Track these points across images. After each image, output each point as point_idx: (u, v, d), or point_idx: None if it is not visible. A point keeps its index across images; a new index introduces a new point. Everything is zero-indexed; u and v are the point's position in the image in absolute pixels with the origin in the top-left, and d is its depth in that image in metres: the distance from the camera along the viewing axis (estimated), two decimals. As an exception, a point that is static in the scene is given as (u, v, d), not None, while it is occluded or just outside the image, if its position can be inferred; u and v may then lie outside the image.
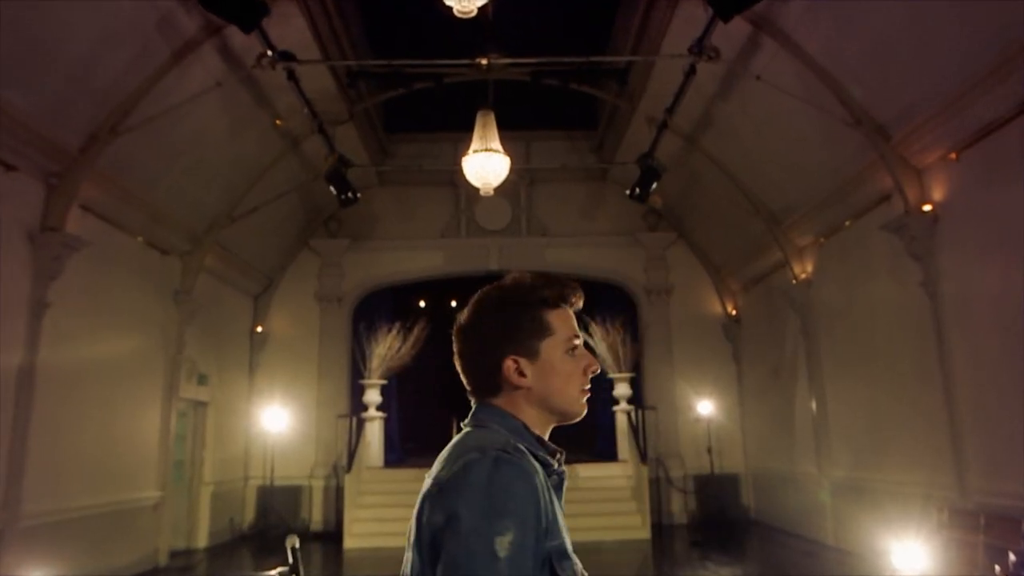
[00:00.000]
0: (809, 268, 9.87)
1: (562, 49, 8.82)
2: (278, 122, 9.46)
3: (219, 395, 11.18)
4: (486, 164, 7.73)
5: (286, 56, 7.64)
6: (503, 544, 1.04)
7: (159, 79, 7.48)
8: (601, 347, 12.15)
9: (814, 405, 9.72)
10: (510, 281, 1.35)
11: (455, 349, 1.35)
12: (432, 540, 1.10)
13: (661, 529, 11.38)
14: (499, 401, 1.31)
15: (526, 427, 1.28)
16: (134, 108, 7.44)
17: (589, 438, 14.33)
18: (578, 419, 1.35)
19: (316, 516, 12.03)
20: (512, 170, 11.76)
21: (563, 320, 1.32)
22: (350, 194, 9.96)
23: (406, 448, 14.37)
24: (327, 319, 12.94)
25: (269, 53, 7.51)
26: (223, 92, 8.23)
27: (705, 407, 11.85)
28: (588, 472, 11.79)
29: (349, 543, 10.60)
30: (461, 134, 9.74)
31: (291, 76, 7.94)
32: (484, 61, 7.76)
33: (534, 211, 13.28)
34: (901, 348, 7.76)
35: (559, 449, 1.31)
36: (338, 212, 12.29)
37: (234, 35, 7.50)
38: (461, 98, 10.38)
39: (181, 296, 9.61)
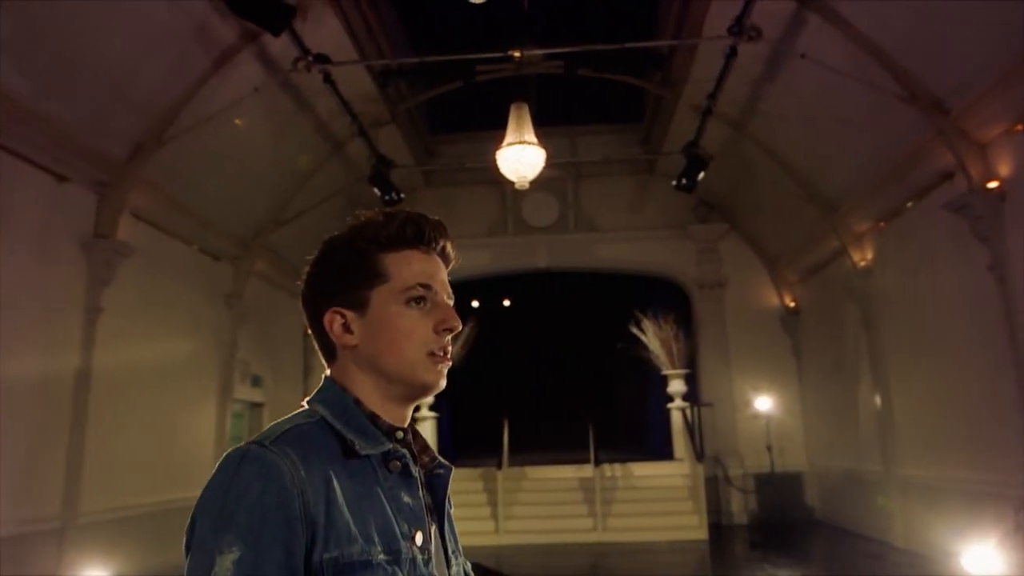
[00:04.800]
0: (869, 255, 9.38)
1: (600, 38, 8.62)
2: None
3: (274, 396, 11.42)
4: (521, 156, 7.62)
5: (321, 59, 7.71)
6: (224, 566, 0.85)
7: (200, 87, 7.67)
8: (654, 343, 11.88)
9: (878, 400, 9.22)
10: (351, 221, 1.11)
11: None
12: (185, 550, 0.92)
13: (720, 529, 11.03)
14: (334, 370, 1.09)
15: (357, 402, 1.04)
16: (177, 117, 7.64)
17: (644, 436, 14.07)
18: (430, 390, 1.08)
19: (371, 516, 12.14)
20: (558, 165, 11.76)
21: (404, 263, 1.07)
22: (394, 195, 10.01)
23: (462, 447, 14.37)
24: (378, 320, 13.04)
25: (305, 56, 7.60)
26: (264, 98, 8.37)
27: (764, 403, 11.43)
28: (642, 471, 11.55)
29: (401, 542, 10.64)
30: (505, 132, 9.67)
31: (327, 79, 8.01)
32: (518, 54, 7.65)
33: (581, 207, 13.09)
34: (969, 337, 7.25)
35: (399, 427, 1.07)
36: (385, 214, 12.37)
37: (272, 41, 7.61)
38: (504, 95, 10.32)
39: (232, 300, 9.85)
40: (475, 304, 15.48)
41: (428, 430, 12.41)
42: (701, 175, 9.51)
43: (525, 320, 16.92)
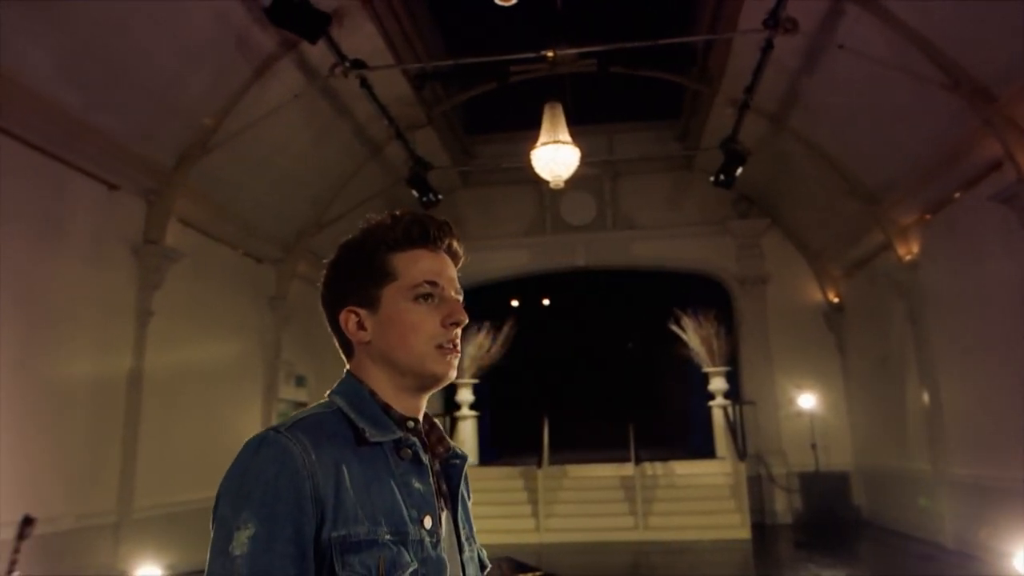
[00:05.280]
0: (915, 248, 9.14)
1: (634, 35, 8.59)
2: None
3: (318, 396, 11.43)
4: (555, 156, 7.65)
5: (357, 64, 7.86)
6: (240, 540, 0.92)
7: (242, 95, 7.88)
8: (694, 340, 11.78)
9: (926, 397, 8.99)
10: (363, 225, 1.19)
11: None
12: (211, 526, 0.99)
13: (763, 529, 10.88)
14: (352, 365, 1.17)
15: (372, 394, 1.12)
16: (220, 125, 7.87)
17: (685, 434, 13.96)
18: (441, 381, 1.14)
19: (414, 513, 12.29)
20: (595, 164, 11.75)
21: (412, 262, 1.14)
22: (431, 196, 10.13)
23: (502, 446, 14.46)
24: (419, 320, 13.18)
25: (342, 63, 7.75)
26: (304, 104, 8.57)
27: (807, 401, 11.23)
28: (684, 469, 11.46)
29: (443, 539, 10.75)
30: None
31: (364, 84, 8.15)
32: (551, 54, 7.68)
33: (619, 204, 13.04)
34: (1020, 330, 7.02)
35: (411, 417, 1.13)
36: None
37: (310, 48, 7.78)
38: (541, 94, 10.37)
39: (276, 302, 10.10)
40: (514, 303, 15.56)
41: (468, 429, 12.52)
42: (740, 170, 9.40)
43: (564, 319, 16.93)
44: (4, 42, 5.63)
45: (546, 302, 16.50)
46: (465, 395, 12.54)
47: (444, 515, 1.13)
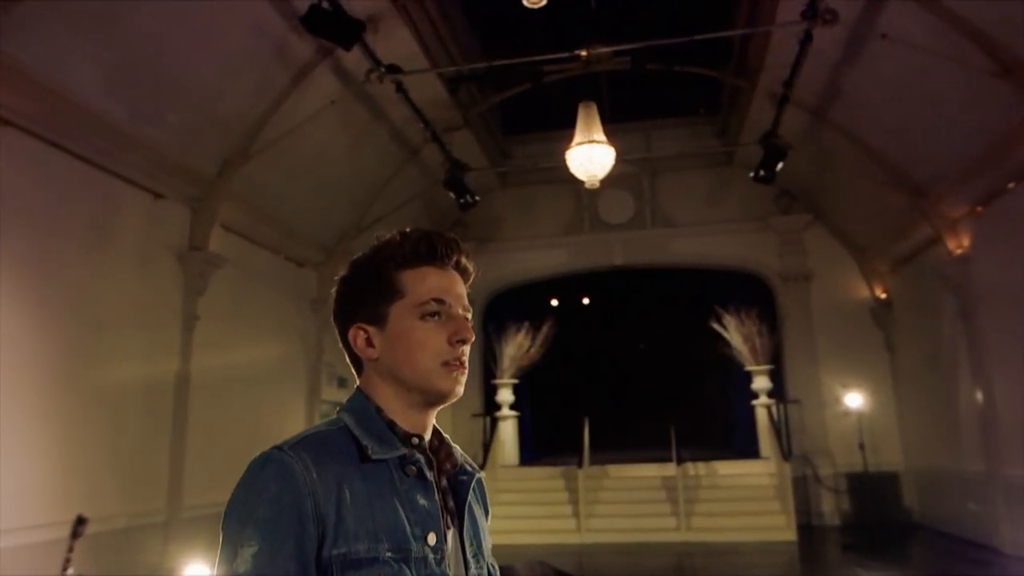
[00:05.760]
0: (965, 242, 8.84)
1: (669, 31, 8.49)
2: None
3: (360, 397, 11.81)
4: (590, 155, 7.61)
5: (392, 69, 7.94)
6: (244, 557, 0.95)
7: (281, 103, 8.04)
8: (736, 338, 11.61)
9: (979, 395, 8.68)
10: (374, 241, 1.20)
11: None
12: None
13: (810, 531, 10.66)
14: (362, 381, 1.18)
15: (379, 410, 1.13)
16: (260, 132, 8.04)
17: (728, 434, 13.75)
18: (447, 398, 1.15)
19: (455, 512, 12.36)
20: (633, 162, 11.65)
21: (419, 279, 1.14)
22: (468, 198, 10.17)
23: (543, 446, 14.45)
24: (458, 321, 13.24)
25: (377, 68, 7.84)
26: (341, 110, 8.69)
27: (854, 400, 10.96)
28: (727, 470, 11.31)
29: (485, 539, 10.79)
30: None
31: (399, 88, 8.23)
32: (584, 53, 7.64)
33: (658, 202, 12.91)
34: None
35: (416, 434, 1.14)
36: (463, 216, 12.58)
37: (346, 55, 7.88)
38: (577, 93, 10.33)
39: (317, 305, 10.26)
40: (554, 303, 15.53)
41: (509, 429, 12.55)
42: (780, 165, 9.20)
43: (604, 318, 16.83)
44: (56, 61, 5.85)
45: (585, 301, 16.42)
46: (505, 395, 12.57)
47: (450, 533, 1.13)
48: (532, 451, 13.68)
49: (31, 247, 5.95)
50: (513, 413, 12.65)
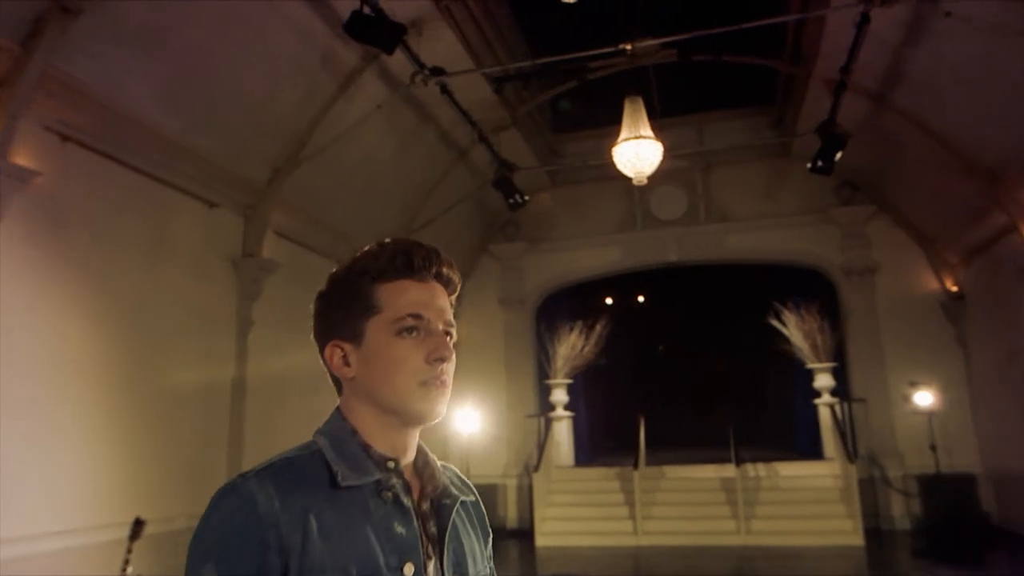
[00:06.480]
0: (1043, 230, 8.32)
1: (718, 21, 8.24)
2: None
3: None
4: (637, 151, 7.45)
5: (436, 71, 7.94)
6: None
7: (328, 109, 8.15)
8: (796, 335, 11.24)
9: (1062, 392, 8.16)
10: (351, 254, 1.15)
11: None
12: None
13: (879, 535, 10.22)
14: (341, 401, 1.13)
15: (354, 432, 1.08)
16: (309, 139, 8.16)
17: (789, 434, 13.34)
18: (426, 419, 1.08)
19: (512, 514, 12.35)
20: (685, 156, 11.39)
21: (396, 294, 1.08)
22: (518, 198, 10.11)
23: (598, 446, 14.31)
24: (511, 321, 13.25)
25: (421, 71, 7.85)
26: (388, 113, 8.76)
27: (924, 398, 10.44)
28: (789, 471, 10.96)
29: (540, 541, 10.75)
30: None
31: (444, 90, 8.23)
32: (629, 47, 7.48)
33: (712, 197, 12.59)
34: None
35: (391, 458, 1.07)
36: (514, 216, 12.54)
37: (392, 59, 7.91)
38: (625, 88, 10.15)
39: (370, 308, 10.37)
40: (608, 302, 15.36)
41: (564, 429, 12.45)
42: (839, 155, 8.83)
43: (659, 316, 16.55)
44: (110, 77, 6.05)
45: (640, 299, 16.19)
46: (559, 395, 12.48)
47: (431, 563, 1.07)
48: (587, 452, 13.55)
49: (92, 258, 6.17)
50: (567, 413, 12.55)
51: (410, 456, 1.12)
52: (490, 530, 1.24)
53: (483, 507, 1.26)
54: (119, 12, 5.70)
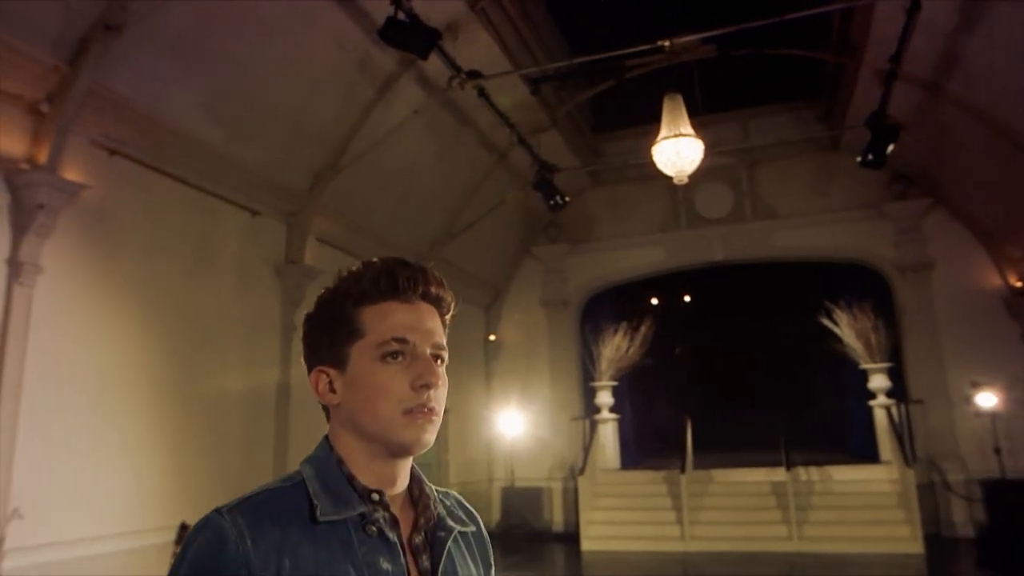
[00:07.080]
0: (1114, 221, 7.87)
1: (759, 13, 8.03)
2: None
3: (459, 401, 11.92)
4: (677, 149, 7.30)
5: (473, 74, 7.93)
6: None
7: (367, 115, 8.22)
8: (849, 335, 10.87)
9: None
10: (338, 275, 1.10)
11: None
12: None
13: (940, 542, 9.81)
14: (329, 428, 1.08)
15: (340, 462, 1.02)
16: (348, 145, 8.25)
17: (842, 436, 12.94)
18: (412, 450, 1.02)
19: (557, 517, 12.27)
20: (729, 152, 11.15)
21: (381, 317, 1.03)
22: (558, 199, 10.04)
23: (644, 449, 14.11)
24: (554, 323, 13.17)
25: (458, 74, 7.85)
26: (427, 118, 8.80)
27: (987, 399, 9.99)
28: (843, 475, 10.59)
29: (586, 545, 10.63)
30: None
31: (481, 93, 8.22)
32: (666, 43, 7.34)
33: (758, 193, 12.29)
34: None
35: (376, 490, 1.02)
36: (556, 217, 12.46)
37: (429, 63, 7.95)
38: (666, 85, 9.99)
39: (413, 312, 10.42)
40: (653, 302, 15.15)
41: (609, 432, 12.31)
42: (891, 148, 8.52)
43: (706, 316, 16.25)
44: (153, 90, 6.21)
45: (686, 299, 15.92)
46: (604, 398, 12.35)
47: None
48: (633, 455, 13.37)
49: (139, 267, 6.35)
50: (613, 416, 12.39)
51: (400, 486, 1.06)
52: (492, 562, 1.18)
53: (486, 537, 1.19)
54: (160, 27, 5.84)
